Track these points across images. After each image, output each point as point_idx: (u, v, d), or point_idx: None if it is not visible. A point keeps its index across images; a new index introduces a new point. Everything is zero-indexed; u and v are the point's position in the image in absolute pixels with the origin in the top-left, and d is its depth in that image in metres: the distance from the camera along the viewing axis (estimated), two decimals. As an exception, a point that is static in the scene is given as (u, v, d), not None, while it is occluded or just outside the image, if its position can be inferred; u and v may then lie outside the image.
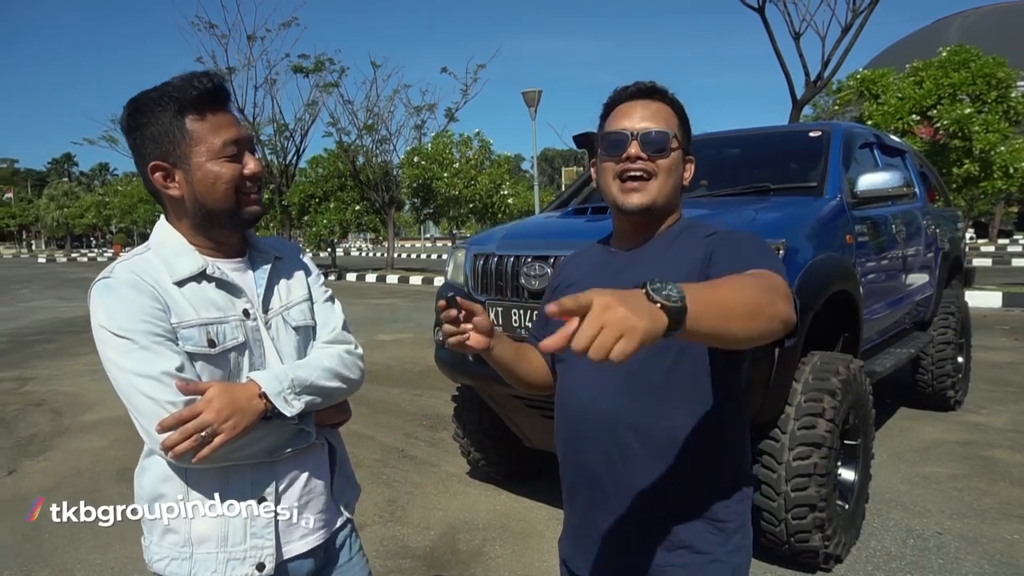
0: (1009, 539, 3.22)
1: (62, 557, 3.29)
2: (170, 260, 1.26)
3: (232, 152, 1.24)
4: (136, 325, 1.17)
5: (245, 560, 1.26)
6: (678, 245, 1.32)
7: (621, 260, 1.37)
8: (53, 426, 5.56)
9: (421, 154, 22.95)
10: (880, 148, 4.63)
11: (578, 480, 1.37)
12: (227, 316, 1.27)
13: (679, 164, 1.35)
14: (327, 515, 1.39)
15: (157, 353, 1.17)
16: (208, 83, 1.21)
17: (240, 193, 1.26)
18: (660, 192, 1.31)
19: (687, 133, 1.38)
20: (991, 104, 11.85)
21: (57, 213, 67.58)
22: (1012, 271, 18.43)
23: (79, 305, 15.24)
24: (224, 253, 1.32)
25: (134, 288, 1.19)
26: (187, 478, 1.26)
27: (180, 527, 1.27)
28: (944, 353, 5.07)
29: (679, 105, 1.38)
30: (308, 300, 1.42)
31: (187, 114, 1.20)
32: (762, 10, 13.38)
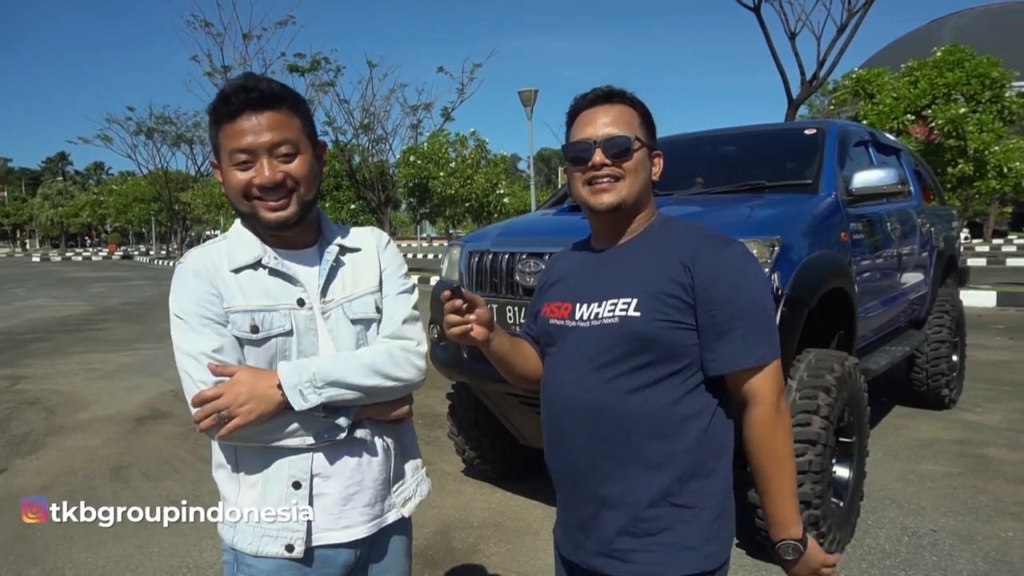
0: (1003, 536, 3.22)
1: (54, 556, 3.27)
2: (233, 249, 1.34)
3: (241, 160, 1.26)
4: (190, 308, 1.27)
5: (276, 539, 1.31)
6: (657, 244, 1.36)
7: (600, 258, 1.42)
8: (46, 425, 5.53)
9: (417, 153, 22.93)
10: (875, 146, 4.64)
11: (562, 469, 1.41)
12: (277, 304, 1.31)
13: (645, 162, 1.38)
14: (375, 510, 1.39)
15: (201, 334, 1.26)
16: (230, 91, 1.26)
17: (251, 200, 1.28)
18: (629, 191, 1.36)
19: (651, 130, 1.41)
20: (985, 104, 11.91)
21: (51, 212, 67.40)
22: (1007, 271, 18.50)
23: (73, 304, 15.21)
24: (288, 243, 1.36)
25: (195, 274, 1.30)
26: (236, 453, 1.34)
27: (231, 496, 1.35)
28: (939, 352, 5.08)
29: (640, 104, 1.41)
30: (376, 293, 1.41)
31: (219, 122, 1.28)
32: (758, 10, 13.41)
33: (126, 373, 7.49)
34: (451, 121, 24.85)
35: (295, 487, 1.31)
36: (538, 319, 1.48)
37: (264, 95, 1.25)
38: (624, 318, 1.29)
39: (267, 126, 1.25)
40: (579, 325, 1.35)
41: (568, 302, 1.40)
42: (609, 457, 1.31)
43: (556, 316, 1.41)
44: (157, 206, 45.08)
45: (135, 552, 3.29)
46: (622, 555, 1.29)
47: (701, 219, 3.00)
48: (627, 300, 1.30)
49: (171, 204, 41.08)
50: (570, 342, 1.37)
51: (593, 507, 1.33)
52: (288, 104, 1.29)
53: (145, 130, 37.69)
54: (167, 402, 6.16)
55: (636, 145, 1.36)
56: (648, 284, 1.30)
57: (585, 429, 1.33)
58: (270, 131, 1.25)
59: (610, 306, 1.31)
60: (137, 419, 5.65)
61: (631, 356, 1.29)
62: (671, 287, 1.28)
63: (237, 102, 1.24)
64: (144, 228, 54.27)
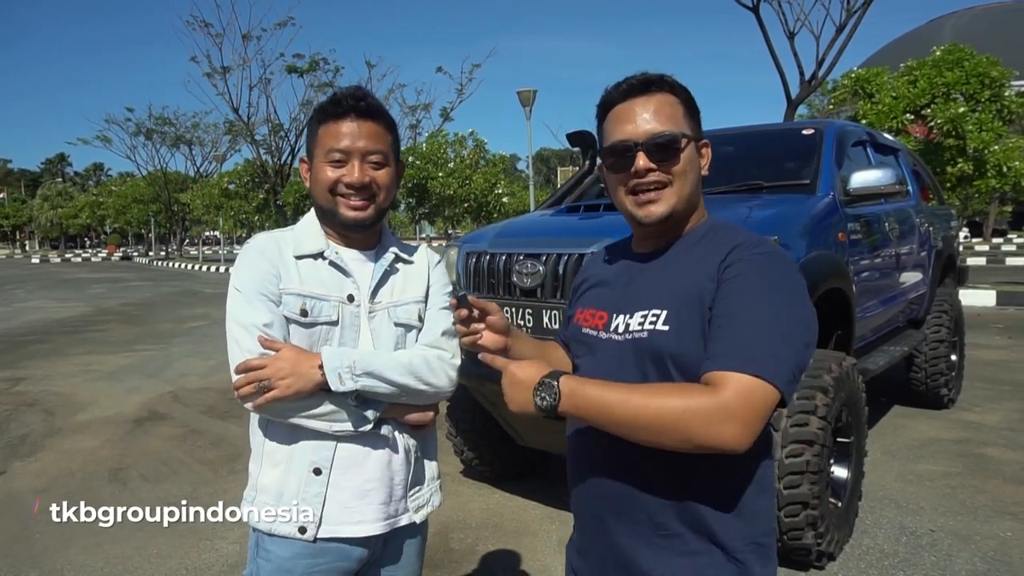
0: (1002, 536, 3.22)
1: (52, 558, 3.27)
2: (301, 237, 1.45)
3: (337, 158, 1.38)
4: (249, 282, 1.37)
5: (290, 520, 1.37)
6: (697, 251, 1.20)
7: (636, 269, 1.27)
8: (45, 426, 5.52)
9: (416, 154, 22.93)
10: (873, 146, 4.63)
11: (582, 491, 1.29)
12: (329, 295, 1.41)
13: (694, 159, 1.22)
14: (390, 509, 1.43)
15: (255, 307, 1.35)
16: (340, 95, 1.40)
17: (336, 196, 1.40)
18: (679, 198, 1.20)
19: (696, 118, 1.24)
20: (985, 103, 11.91)
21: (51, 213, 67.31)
22: (1006, 270, 18.51)
23: (72, 305, 15.20)
24: (349, 243, 1.47)
25: (259, 253, 1.40)
26: (266, 429, 1.42)
27: (254, 473, 1.44)
28: (938, 351, 5.08)
29: (681, 89, 1.24)
30: (421, 303, 1.51)
31: (322, 121, 1.40)
32: (757, 10, 13.41)
33: (125, 375, 7.48)
34: (450, 121, 24.94)
35: (316, 473, 1.37)
36: (570, 325, 1.37)
37: (370, 107, 1.40)
38: (653, 332, 1.15)
39: (366, 134, 1.38)
40: (612, 338, 1.22)
41: (604, 311, 1.27)
42: (631, 485, 1.18)
43: (589, 325, 1.29)
44: (156, 207, 45.09)
45: (133, 554, 3.28)
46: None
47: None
48: (657, 312, 1.16)
49: (170, 205, 41.13)
50: (600, 355, 1.24)
51: (615, 538, 1.21)
52: (386, 120, 1.42)
53: (144, 131, 37.78)
54: (166, 404, 6.15)
55: (683, 142, 1.19)
56: (681, 295, 1.15)
57: (605, 453, 1.21)
58: (367, 138, 1.38)
59: (640, 318, 1.18)
60: (136, 421, 5.64)
61: (660, 375, 1.15)
62: (704, 297, 1.12)
63: (346, 106, 1.38)
64: (143, 229, 54.21)
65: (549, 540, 3.34)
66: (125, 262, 42.95)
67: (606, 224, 3.08)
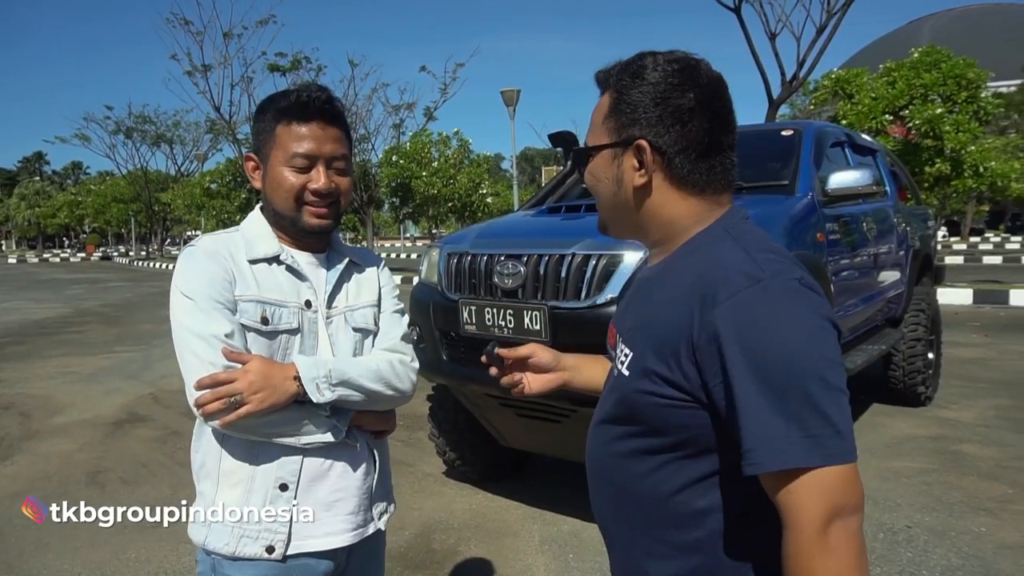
0: (976, 532, 3.27)
1: (28, 562, 3.23)
2: (251, 240, 1.37)
3: (302, 164, 1.31)
4: (202, 289, 1.27)
5: (257, 539, 1.30)
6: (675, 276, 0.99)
7: (638, 284, 1.12)
8: (22, 429, 5.45)
9: (400, 153, 22.84)
10: (851, 147, 4.69)
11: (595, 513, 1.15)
12: (287, 301, 1.34)
13: (605, 168, 1.03)
14: (357, 519, 1.40)
15: (212, 317, 1.25)
16: (306, 96, 1.31)
17: (300, 203, 1.33)
18: (602, 211, 1.09)
19: (628, 114, 0.99)
20: (962, 104, 12.07)
21: (28, 213, 66.40)
22: (983, 269, 18.79)
23: (50, 306, 15.00)
24: (302, 246, 1.41)
25: (210, 257, 1.31)
26: (223, 446, 1.32)
27: (208, 494, 1.34)
28: (915, 350, 5.15)
29: (622, 77, 1.01)
30: (375, 307, 1.48)
31: (280, 119, 1.31)
32: (738, 10, 13.49)
33: (104, 376, 7.39)
34: (434, 121, 24.79)
35: (282, 488, 1.31)
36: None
37: (336, 110, 1.34)
38: (619, 374, 1.02)
39: (332, 138, 1.33)
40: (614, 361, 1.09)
41: (616, 331, 1.12)
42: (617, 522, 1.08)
43: (610, 342, 1.15)
44: (136, 206, 44.53)
45: (111, 558, 3.25)
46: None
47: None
48: (627, 352, 1.01)
49: (151, 204, 40.65)
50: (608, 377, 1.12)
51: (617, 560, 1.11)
52: (346, 124, 1.38)
53: (124, 129, 37.27)
54: (145, 406, 6.09)
55: (582, 156, 1.06)
56: (647, 337, 0.98)
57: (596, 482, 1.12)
58: (333, 143, 1.33)
59: (620, 351, 1.04)
60: (115, 423, 5.58)
61: (621, 421, 1.02)
62: (665, 354, 0.93)
63: (314, 109, 1.31)
64: (123, 229, 53.60)
65: (531, 540, 3.35)
66: (105, 262, 42.40)
67: (587, 225, 3.09)
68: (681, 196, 1.00)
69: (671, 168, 0.99)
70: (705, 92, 0.99)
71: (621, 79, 1.01)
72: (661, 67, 0.98)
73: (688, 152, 0.98)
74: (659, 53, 1.01)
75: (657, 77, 0.98)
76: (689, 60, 1.00)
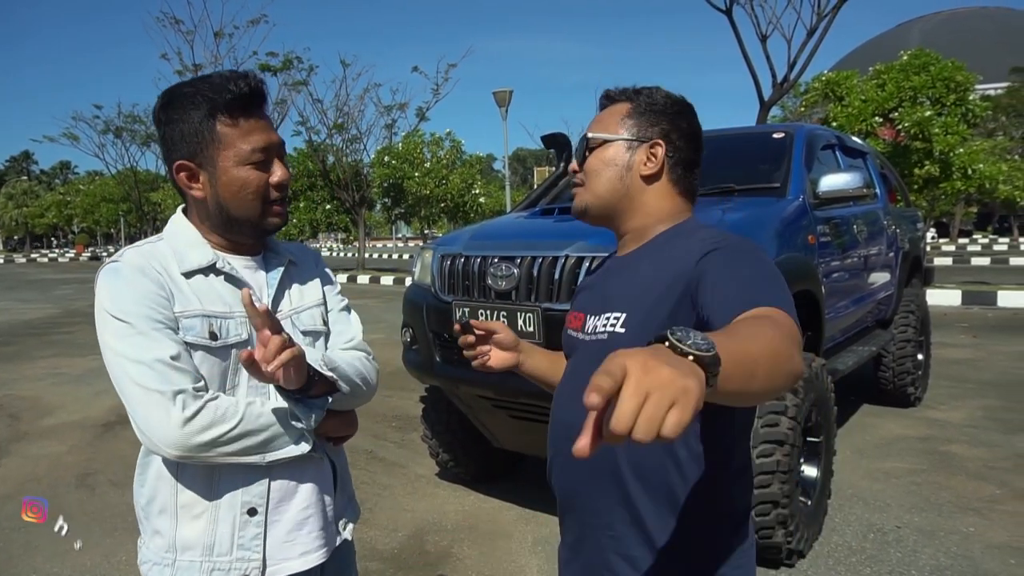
0: (964, 532, 3.30)
1: (17, 566, 3.20)
2: (181, 250, 1.24)
3: (259, 159, 1.21)
4: (137, 309, 1.14)
5: (230, 571, 1.22)
6: (665, 252, 1.19)
7: (611, 271, 1.30)
8: (10, 431, 5.41)
9: (392, 153, 22.80)
10: (842, 150, 4.72)
11: (557, 488, 1.31)
12: (232, 312, 1.23)
13: (620, 157, 1.23)
14: (327, 534, 1.34)
15: (153, 339, 1.13)
16: (244, 87, 1.19)
17: (265, 202, 1.24)
18: (591, 193, 1.25)
19: (646, 119, 1.24)
20: (950, 107, 12.17)
21: (16, 212, 65.82)
22: (971, 270, 18.93)
23: (38, 307, 14.88)
24: (237, 251, 1.30)
25: (140, 273, 1.18)
26: (179, 478, 1.22)
27: (167, 531, 1.23)
28: (905, 351, 5.18)
29: (635, 94, 1.26)
30: (321, 306, 1.39)
31: (218, 116, 1.18)
32: (729, 12, 13.54)
33: (93, 378, 7.34)
34: (426, 121, 24.76)
35: (250, 514, 1.23)
36: (564, 332, 1.36)
37: (266, 93, 1.24)
38: (611, 334, 1.16)
39: (272, 126, 1.25)
40: (585, 339, 1.23)
41: (583, 313, 1.27)
42: (595, 486, 1.19)
43: (572, 327, 1.31)
44: (126, 206, 44.25)
45: (101, 561, 3.23)
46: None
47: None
48: (618, 315, 1.16)
49: (140, 204, 40.41)
50: (578, 354, 1.26)
51: (588, 531, 1.23)
52: None
53: (113, 129, 36.95)
54: (136, 407, 6.04)
55: (597, 143, 1.24)
56: (641, 297, 1.15)
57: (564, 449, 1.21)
58: (274, 131, 1.25)
59: (604, 319, 1.19)
60: (104, 425, 5.55)
61: None
62: (666, 302, 1.10)
63: (255, 100, 1.21)
64: (113, 229, 53.23)
65: (524, 541, 3.35)
66: (94, 262, 42.12)
67: (580, 226, 3.08)
68: (672, 194, 1.25)
69: (672, 171, 1.24)
70: (695, 125, 1.28)
71: (642, 96, 1.26)
72: (673, 98, 1.27)
73: (684, 163, 1.25)
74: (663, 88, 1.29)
75: (670, 104, 1.25)
76: (687, 101, 1.30)
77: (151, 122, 9.51)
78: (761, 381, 0.79)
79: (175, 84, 1.25)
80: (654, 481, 1.13)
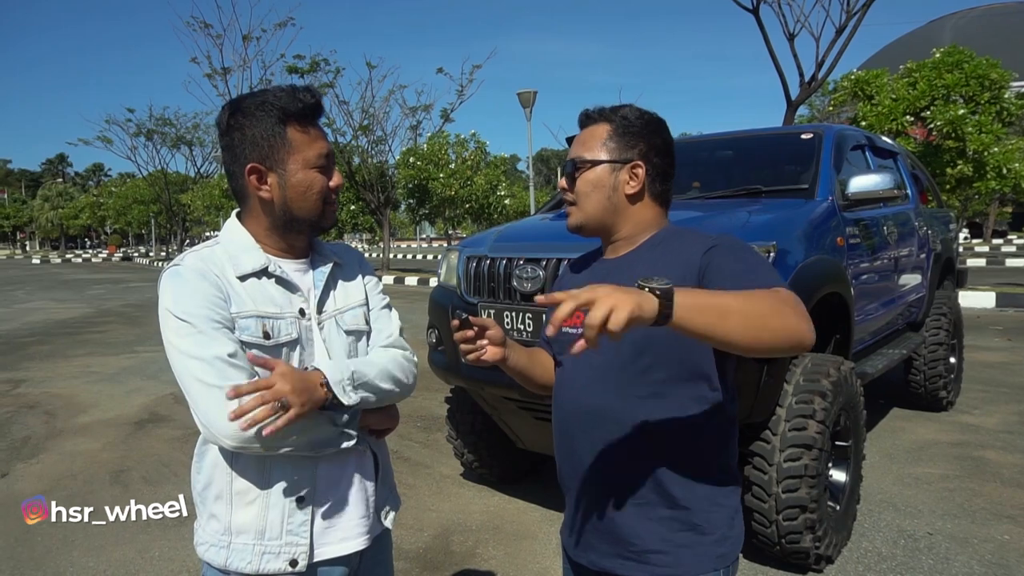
0: (999, 540, 3.24)
1: (55, 560, 3.29)
2: (235, 255, 1.32)
3: (323, 164, 1.33)
4: (197, 310, 1.23)
5: (280, 555, 1.30)
6: (663, 249, 1.35)
7: (605, 271, 1.42)
8: (46, 428, 5.54)
9: (417, 155, 22.93)
10: (872, 150, 4.65)
11: (570, 472, 1.41)
12: (283, 312, 1.32)
13: (603, 180, 1.37)
14: (368, 522, 1.41)
15: (212, 338, 1.22)
16: (311, 99, 1.30)
17: (325, 203, 1.35)
18: (584, 213, 1.39)
19: (627, 141, 1.37)
20: (984, 105, 11.91)
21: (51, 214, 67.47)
22: (1006, 271, 18.50)
23: (73, 306, 15.23)
24: (288, 254, 1.39)
25: (200, 276, 1.26)
26: (233, 466, 1.31)
27: (222, 515, 1.32)
28: (936, 354, 5.09)
29: (619, 116, 1.39)
30: (364, 306, 1.46)
31: (289, 124, 1.29)
32: (756, 11, 13.41)
33: (126, 376, 7.50)
34: (451, 122, 24.85)
35: (299, 501, 1.31)
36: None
37: (323, 109, 1.36)
38: None
39: (326, 136, 1.38)
40: None
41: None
42: (615, 461, 1.32)
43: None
44: (156, 208, 45.05)
45: (136, 556, 3.30)
46: (636, 556, 1.31)
47: (698, 224, 3.02)
48: None
49: (170, 206, 41.12)
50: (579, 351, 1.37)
51: (602, 510, 1.34)
52: None
53: (145, 132, 37.69)
54: (167, 405, 6.17)
55: (584, 166, 1.37)
56: None
57: (590, 434, 1.35)
58: (328, 141, 1.37)
59: None
60: (137, 423, 5.66)
61: (636, 360, 1.29)
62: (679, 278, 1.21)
63: (317, 111, 1.33)
64: (144, 230, 54.28)
65: (549, 543, 3.36)
66: (125, 263, 42.98)
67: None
68: (653, 205, 1.40)
69: (652, 186, 1.39)
70: (668, 139, 1.42)
71: (620, 116, 1.39)
72: (646, 116, 1.40)
73: (662, 176, 1.40)
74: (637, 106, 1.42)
75: (644, 123, 1.39)
76: (661, 117, 1.43)
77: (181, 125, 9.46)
78: (736, 327, 1.00)
79: (240, 96, 1.36)
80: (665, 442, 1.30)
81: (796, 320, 1.06)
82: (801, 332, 1.06)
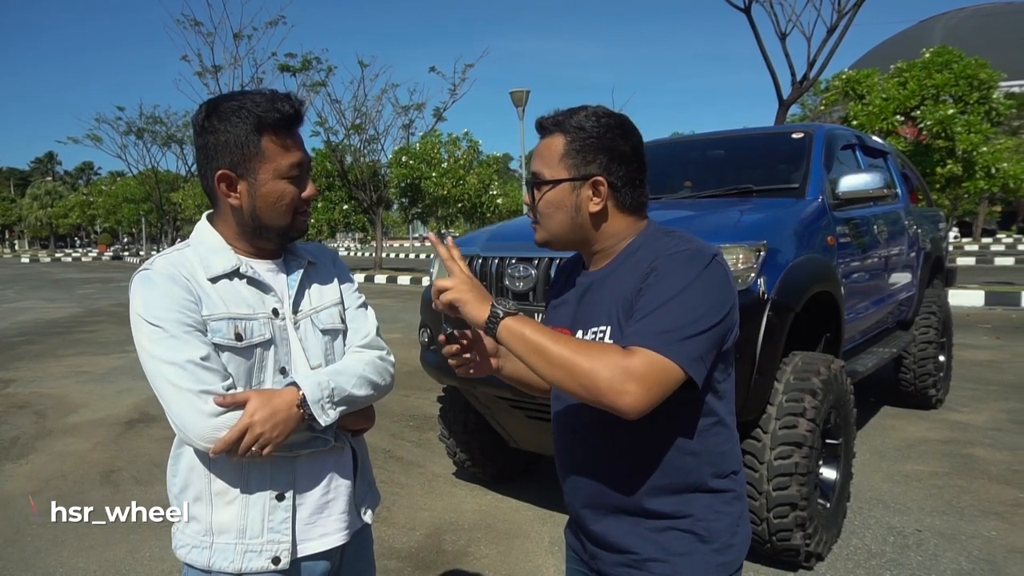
0: (986, 536, 3.27)
1: (44, 560, 3.27)
2: (206, 257, 1.32)
3: (296, 174, 1.31)
4: (168, 314, 1.23)
5: (261, 553, 1.31)
6: (630, 263, 1.29)
7: (584, 286, 1.38)
8: (36, 428, 5.51)
9: (409, 154, 22.89)
10: (862, 149, 4.68)
11: (568, 473, 1.41)
12: (256, 313, 1.32)
13: (567, 199, 1.30)
14: (348, 518, 1.42)
15: (184, 342, 1.22)
16: (289, 108, 1.28)
17: (295, 213, 1.34)
18: (548, 232, 1.34)
19: (586, 156, 1.28)
20: (973, 105, 12.00)
21: (40, 213, 67.00)
22: (995, 270, 18.65)
23: (63, 306, 15.12)
24: (260, 255, 1.38)
25: (170, 280, 1.26)
26: (211, 468, 1.31)
27: (203, 516, 1.33)
28: (926, 352, 5.13)
29: (571, 126, 1.29)
30: (339, 305, 1.46)
31: (264, 133, 1.27)
32: (748, 11, 13.45)
33: (116, 376, 7.47)
34: (443, 121, 24.80)
35: (279, 499, 1.32)
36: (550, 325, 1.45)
37: (303, 118, 1.33)
38: None
39: (304, 144, 1.35)
40: None
41: (567, 328, 1.36)
42: (611, 470, 1.31)
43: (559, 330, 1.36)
44: (147, 207, 44.81)
45: (126, 556, 3.29)
46: (638, 564, 1.29)
47: (689, 224, 3.03)
48: (603, 328, 1.28)
49: (161, 205, 40.91)
50: None
51: (602, 519, 1.34)
52: None
53: (135, 130, 37.42)
54: (156, 405, 6.03)
55: (545, 187, 1.30)
56: (617, 309, 1.26)
57: (584, 438, 1.35)
58: (305, 150, 1.35)
59: (591, 335, 1.30)
60: (127, 422, 5.64)
61: None
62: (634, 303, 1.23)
63: (295, 119, 1.30)
64: (134, 229, 54.00)
65: (541, 541, 3.36)
66: (116, 262, 42.69)
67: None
68: (623, 216, 1.32)
69: (618, 197, 1.30)
70: (634, 142, 1.32)
71: (575, 127, 1.29)
72: (604, 120, 1.29)
73: (630, 183, 1.30)
74: (595, 107, 1.32)
75: (602, 130, 1.28)
76: (622, 116, 1.32)
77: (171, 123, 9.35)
78: (543, 367, 1.13)
79: (219, 96, 1.32)
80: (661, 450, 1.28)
81: (603, 383, 1.09)
82: (598, 391, 1.10)
